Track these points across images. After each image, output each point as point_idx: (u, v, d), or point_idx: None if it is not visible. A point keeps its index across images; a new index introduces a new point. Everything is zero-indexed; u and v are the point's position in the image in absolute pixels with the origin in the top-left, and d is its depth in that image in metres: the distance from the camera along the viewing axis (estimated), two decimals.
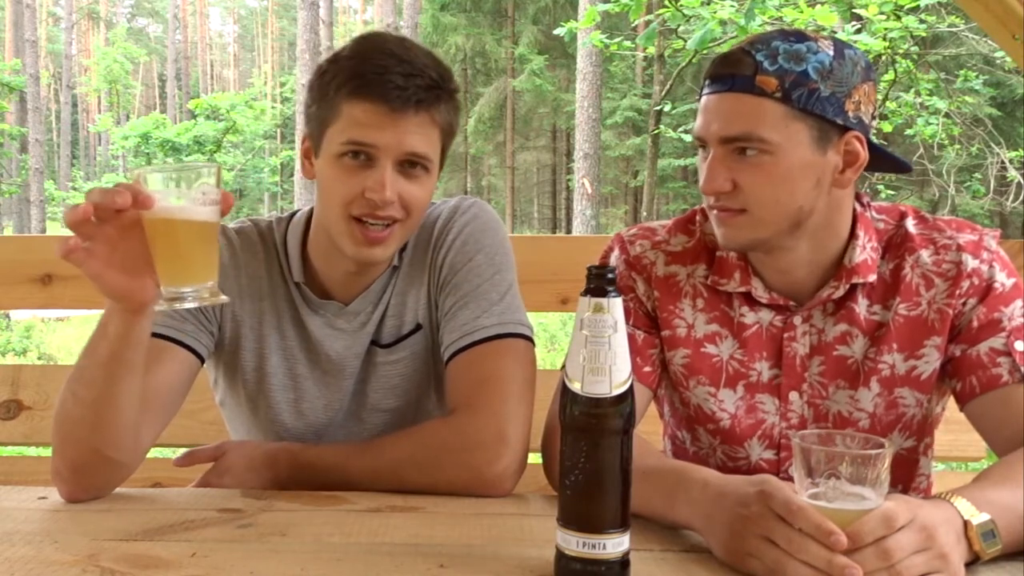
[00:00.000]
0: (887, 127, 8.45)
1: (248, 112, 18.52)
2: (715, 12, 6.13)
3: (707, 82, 1.23)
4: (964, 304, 1.24)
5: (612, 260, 1.39)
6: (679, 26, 6.98)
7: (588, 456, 0.90)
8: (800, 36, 1.20)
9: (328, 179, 1.29)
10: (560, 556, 0.92)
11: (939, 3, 7.40)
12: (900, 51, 7.31)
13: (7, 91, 17.69)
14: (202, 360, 1.35)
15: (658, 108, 12.49)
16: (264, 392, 1.42)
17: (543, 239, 2.26)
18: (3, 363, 9.30)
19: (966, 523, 0.94)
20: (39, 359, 10.48)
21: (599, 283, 0.90)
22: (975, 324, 1.23)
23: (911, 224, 1.30)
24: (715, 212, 1.25)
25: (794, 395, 1.30)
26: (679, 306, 1.34)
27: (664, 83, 12.84)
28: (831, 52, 1.18)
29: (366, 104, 1.24)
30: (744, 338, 1.32)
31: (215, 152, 17.51)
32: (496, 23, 22.23)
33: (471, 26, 21.11)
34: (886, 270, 1.28)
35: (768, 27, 6.15)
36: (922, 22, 6.86)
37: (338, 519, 1.12)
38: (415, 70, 1.24)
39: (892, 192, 12.88)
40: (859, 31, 6.70)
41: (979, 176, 12.56)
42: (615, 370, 0.90)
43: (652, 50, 11.71)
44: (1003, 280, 1.24)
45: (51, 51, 47.12)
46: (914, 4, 6.30)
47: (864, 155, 1.22)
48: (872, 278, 1.27)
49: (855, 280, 1.26)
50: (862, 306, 1.28)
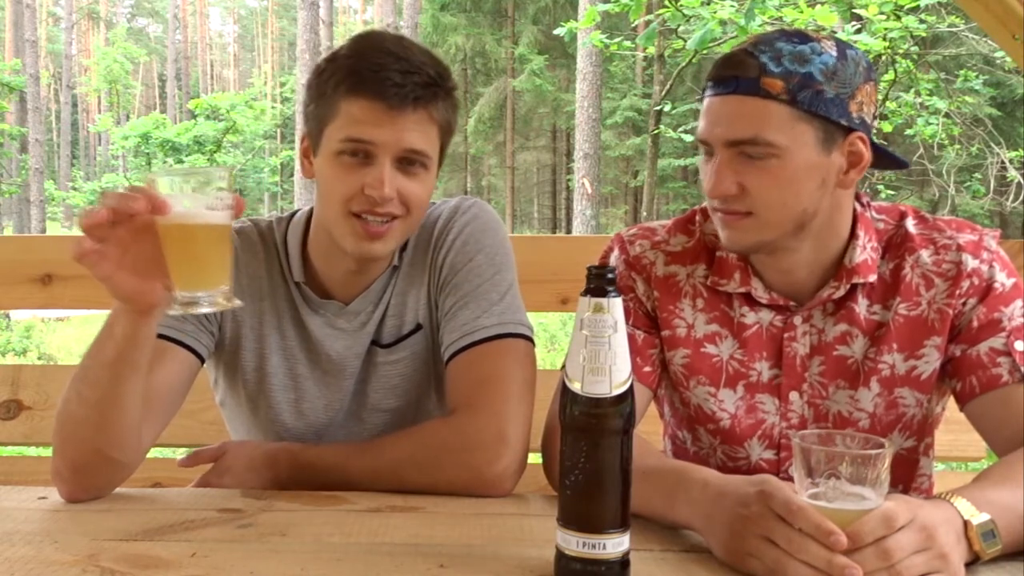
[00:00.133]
0: (887, 127, 8.44)
1: (248, 112, 18.51)
2: (715, 12, 6.12)
3: (710, 84, 1.22)
4: (964, 304, 1.24)
5: (612, 260, 1.39)
6: (679, 26, 6.97)
7: (588, 456, 0.90)
8: (803, 37, 1.20)
9: (327, 177, 1.29)
10: (560, 556, 0.92)
11: (939, 3, 7.40)
12: (900, 51, 7.31)
13: (7, 91, 17.68)
14: (202, 360, 1.35)
15: (658, 108, 12.49)
16: (264, 392, 1.42)
17: (543, 239, 2.26)
18: (3, 363, 9.30)
19: (966, 523, 0.94)
20: (39, 359, 10.47)
21: (599, 283, 0.90)
22: (975, 324, 1.23)
23: (911, 224, 1.30)
24: (719, 215, 1.24)
25: (794, 395, 1.30)
26: (679, 306, 1.34)
27: (664, 83, 12.83)
28: (834, 53, 1.18)
29: (364, 101, 1.24)
30: (744, 338, 1.32)
31: (215, 152, 17.49)
32: (496, 23, 22.23)
33: (471, 26, 21.10)
34: (886, 270, 1.28)
35: (768, 27, 6.15)
36: (922, 22, 6.86)
37: (338, 519, 1.12)
38: (412, 67, 1.24)
39: (892, 192, 12.88)
40: (859, 31, 6.70)
41: (979, 176, 12.55)
42: (615, 370, 0.90)
43: (652, 50, 11.70)
44: (1003, 280, 1.24)
45: (51, 51, 47.11)
46: (914, 4, 6.30)
47: (868, 155, 1.22)
48: (872, 278, 1.27)
49: (855, 280, 1.26)
50: (862, 306, 1.28)
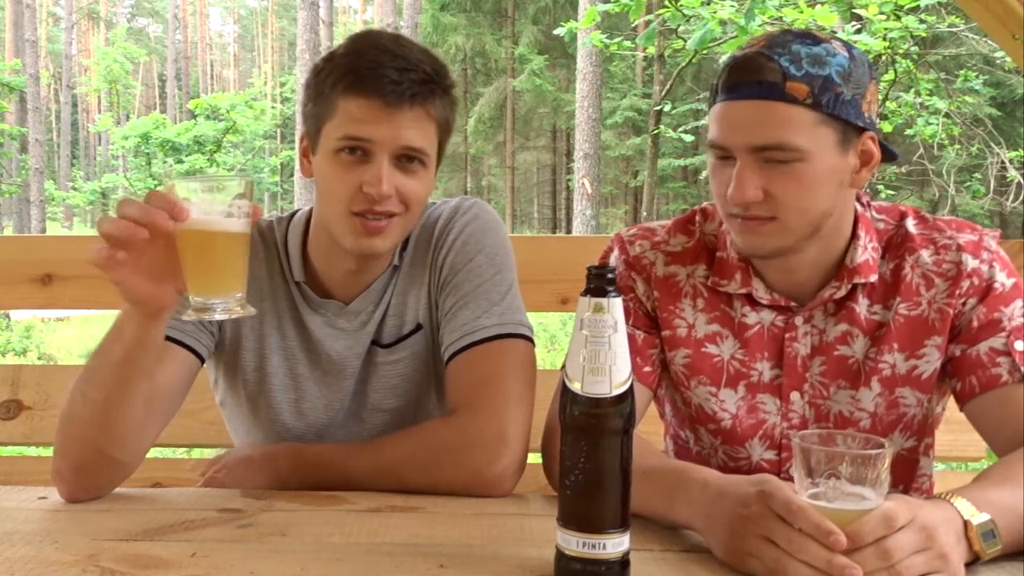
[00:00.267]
0: (887, 127, 8.44)
1: (248, 112, 18.46)
2: (715, 12, 6.12)
3: (726, 88, 1.19)
4: (964, 304, 1.24)
5: (612, 260, 1.39)
6: (679, 26, 6.97)
7: (588, 456, 0.90)
8: (814, 38, 1.19)
9: (326, 176, 1.29)
10: (560, 556, 0.92)
11: (939, 3, 7.40)
12: (900, 51, 7.31)
13: (7, 91, 17.66)
14: (202, 360, 1.35)
15: (658, 108, 12.49)
16: (265, 392, 1.42)
17: (543, 239, 2.26)
18: (3, 363, 9.29)
19: (966, 523, 0.94)
20: (39, 359, 10.47)
21: (599, 283, 0.90)
22: (975, 324, 1.23)
23: (911, 224, 1.30)
24: (739, 221, 1.22)
25: (795, 395, 1.30)
26: (679, 306, 1.34)
27: (664, 83, 12.83)
28: (846, 53, 1.18)
29: (361, 99, 1.24)
30: (745, 338, 1.32)
31: (215, 152, 17.46)
32: (496, 23, 22.22)
33: (471, 26, 21.10)
34: (886, 270, 1.28)
35: (768, 27, 6.14)
36: (922, 22, 6.86)
37: (338, 519, 1.12)
38: (409, 65, 1.25)
39: (892, 192, 12.88)
40: (859, 31, 6.70)
41: (979, 176, 12.54)
42: (615, 370, 0.90)
43: (652, 50, 11.70)
44: (1003, 280, 1.24)
45: (51, 51, 47.11)
46: (914, 4, 6.30)
47: (878, 154, 1.22)
48: (873, 278, 1.27)
49: (857, 280, 1.26)
50: (862, 306, 1.28)
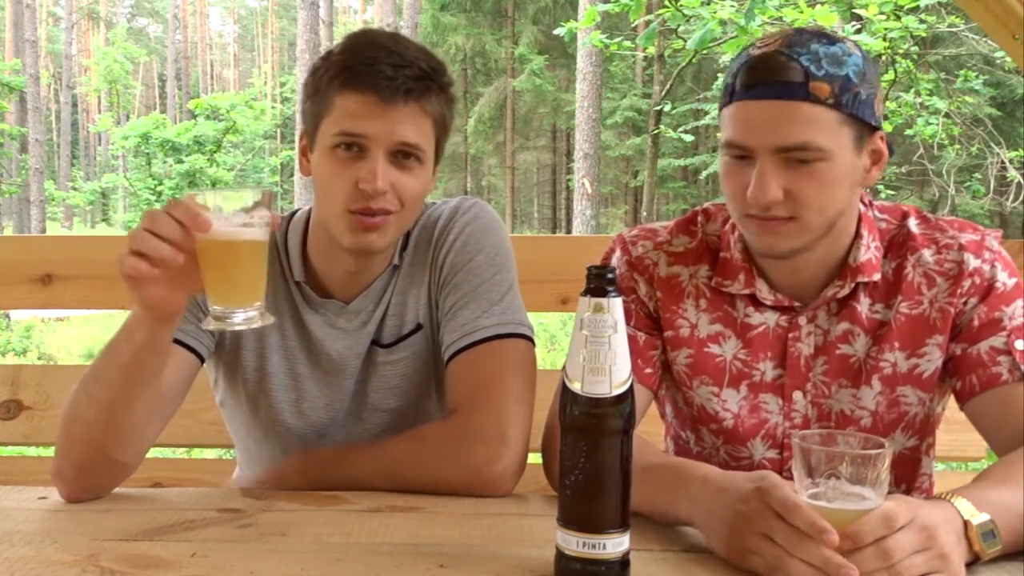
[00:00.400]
0: (887, 127, 8.41)
1: (248, 112, 18.42)
2: (715, 12, 6.12)
3: (746, 87, 1.18)
4: (965, 303, 1.25)
5: (614, 261, 1.39)
6: (679, 26, 6.97)
7: (588, 456, 0.90)
8: (829, 37, 1.18)
9: (323, 173, 1.29)
10: (560, 556, 0.92)
11: (939, 3, 7.40)
12: (900, 51, 7.31)
13: (7, 91, 17.64)
14: (202, 360, 1.35)
15: (658, 108, 12.49)
16: (265, 392, 1.42)
17: (543, 239, 2.26)
18: (3, 363, 9.29)
19: (966, 523, 0.94)
20: (39, 359, 10.46)
21: (599, 283, 0.90)
22: (976, 323, 1.24)
23: (913, 224, 1.30)
24: (757, 221, 1.20)
25: (798, 395, 1.30)
26: (682, 306, 1.34)
27: (664, 83, 12.83)
28: (859, 53, 1.18)
29: (357, 95, 1.25)
30: (748, 338, 1.32)
31: (215, 152, 17.44)
32: (496, 23, 22.22)
33: (471, 26, 21.09)
34: (888, 269, 1.28)
35: (768, 27, 6.14)
36: (922, 22, 6.86)
37: (338, 519, 1.12)
38: (405, 61, 1.25)
39: (892, 192, 12.88)
40: (859, 31, 6.70)
41: (979, 176, 12.54)
42: (615, 370, 0.90)
43: (652, 50, 11.70)
44: (1005, 280, 1.25)
45: (51, 51, 47.11)
46: (914, 4, 6.30)
47: (887, 153, 1.23)
48: (876, 277, 1.27)
49: (860, 279, 1.26)
50: (864, 305, 1.28)
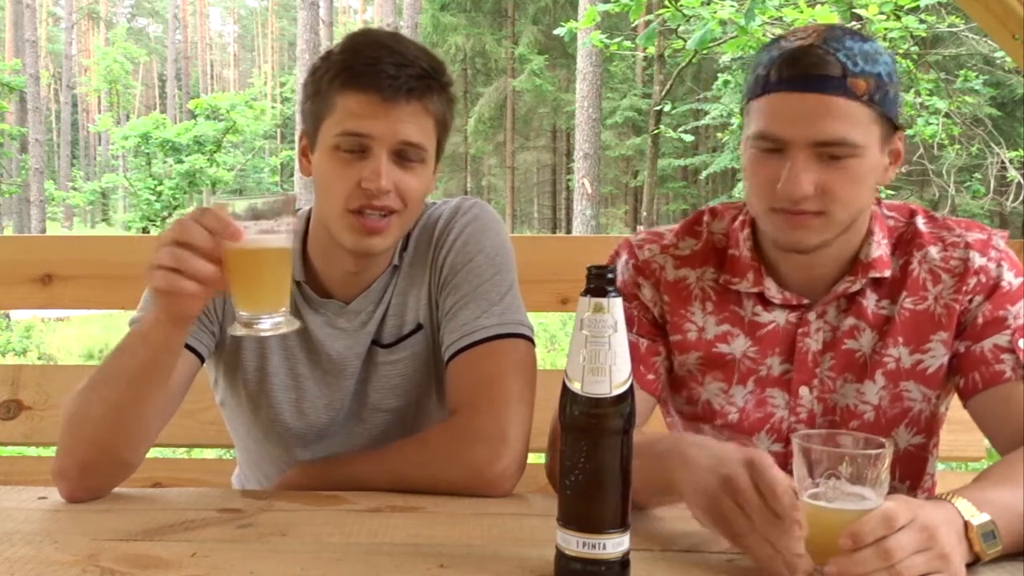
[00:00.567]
0: None
1: (248, 112, 18.42)
2: (715, 12, 6.12)
3: (783, 80, 1.17)
4: (971, 301, 1.25)
5: (620, 265, 1.39)
6: (679, 26, 6.97)
7: (588, 456, 0.90)
8: (860, 35, 1.19)
9: (324, 173, 1.29)
10: (560, 556, 0.92)
11: (939, 3, 7.40)
12: (900, 51, 7.31)
13: (7, 91, 17.64)
14: (202, 359, 1.35)
15: (658, 108, 12.50)
16: (265, 392, 1.42)
17: (543, 239, 2.26)
18: (3, 363, 9.29)
19: (967, 524, 0.94)
20: (39, 359, 10.46)
21: (599, 283, 0.90)
22: (980, 321, 1.24)
23: (921, 222, 1.31)
24: (785, 216, 1.20)
25: (804, 390, 1.31)
26: (689, 310, 1.34)
27: (664, 83, 12.84)
28: (886, 52, 1.19)
29: (359, 95, 1.24)
30: (758, 336, 1.32)
31: (215, 152, 17.44)
32: (496, 23, 22.22)
33: (471, 26, 21.09)
34: (895, 266, 1.29)
35: (768, 27, 6.14)
36: (922, 22, 6.86)
37: (338, 519, 1.12)
38: (406, 60, 1.25)
39: (892, 192, 12.87)
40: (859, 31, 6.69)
41: (979, 176, 12.54)
42: (615, 370, 0.90)
43: (652, 50, 11.70)
44: (1010, 279, 1.25)
45: (51, 51, 47.11)
46: (914, 4, 6.30)
47: (903, 151, 1.24)
48: (887, 273, 1.28)
49: (873, 274, 1.27)
50: (870, 300, 1.29)
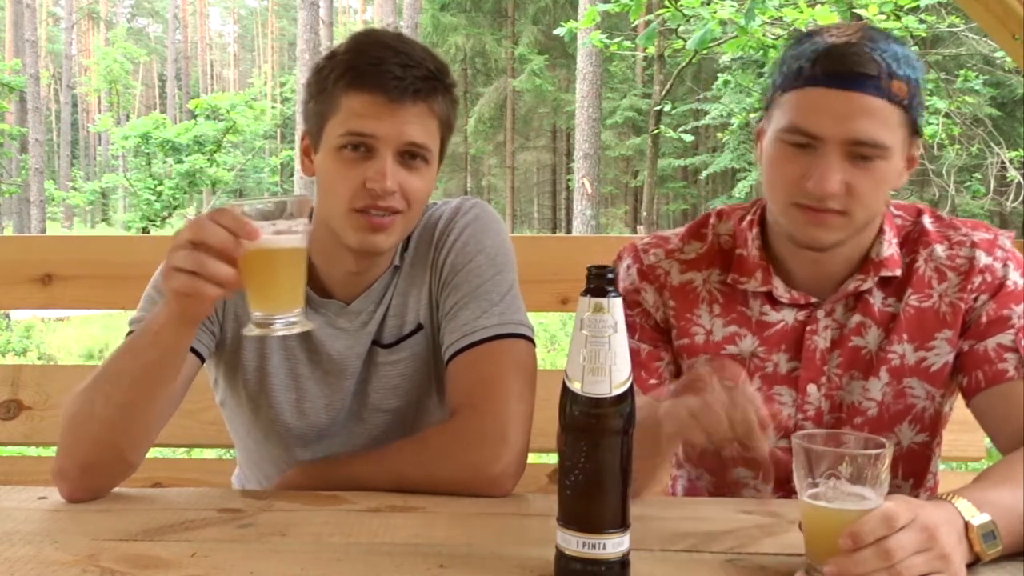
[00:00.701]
0: None
1: (248, 112, 18.42)
2: (715, 12, 6.13)
3: (824, 75, 1.16)
4: (976, 300, 1.26)
5: (623, 270, 1.39)
6: (679, 26, 6.98)
7: (588, 456, 0.90)
8: (896, 37, 1.19)
9: (328, 173, 1.29)
10: (560, 556, 0.92)
11: (939, 3, 7.40)
12: None
13: (7, 91, 17.64)
14: (202, 359, 1.35)
15: (658, 108, 12.50)
16: (266, 392, 1.41)
17: (543, 239, 2.26)
18: (3, 363, 9.28)
19: (967, 524, 0.94)
20: (39, 359, 10.45)
21: (599, 283, 0.90)
22: (984, 320, 1.25)
23: (928, 221, 1.32)
24: (808, 212, 1.20)
25: (812, 387, 1.31)
26: (696, 313, 1.35)
27: (664, 83, 12.84)
28: (916, 56, 1.19)
29: (364, 95, 1.24)
30: (766, 336, 1.32)
31: (215, 152, 17.45)
32: (496, 23, 22.22)
33: (471, 26, 21.10)
34: (902, 264, 1.30)
35: (768, 27, 6.14)
36: (922, 22, 6.86)
37: (338, 519, 1.12)
38: (412, 61, 1.25)
39: (892, 192, 12.85)
40: None
41: (979, 176, 12.54)
42: (615, 370, 0.90)
43: (652, 50, 11.71)
44: (1016, 279, 1.26)
45: (51, 51, 47.10)
46: (914, 4, 6.30)
47: (917, 158, 1.24)
48: (898, 272, 1.28)
49: (884, 273, 1.27)
50: (877, 298, 1.30)
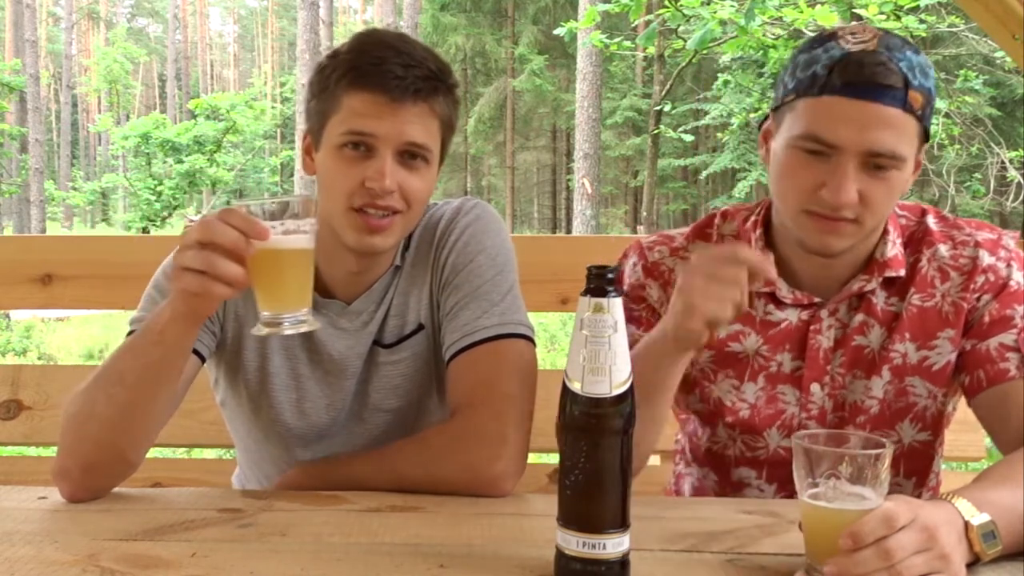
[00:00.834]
0: None
1: (248, 112, 18.43)
2: (715, 12, 6.13)
3: (846, 84, 1.15)
4: (978, 299, 1.26)
5: (628, 267, 1.39)
6: (679, 26, 6.98)
7: (588, 456, 0.90)
8: (911, 44, 1.18)
9: (329, 171, 1.29)
10: (560, 556, 0.92)
11: (939, 3, 7.40)
12: None
13: (7, 91, 17.65)
14: (203, 359, 1.35)
15: (658, 108, 12.50)
16: (266, 392, 1.41)
17: (543, 239, 2.26)
18: (3, 363, 9.28)
19: (967, 524, 0.94)
20: (39, 359, 10.45)
21: (599, 283, 0.90)
22: (987, 319, 1.25)
23: (932, 221, 1.32)
24: (821, 220, 1.20)
25: (815, 387, 1.31)
26: None
27: (664, 83, 12.84)
28: (930, 63, 1.19)
29: (365, 94, 1.24)
30: (770, 335, 1.33)
31: (215, 152, 17.45)
32: (496, 23, 22.23)
33: (471, 26, 21.10)
34: (906, 264, 1.30)
35: (768, 27, 6.14)
36: (922, 22, 6.87)
37: (338, 519, 1.12)
38: (414, 61, 1.25)
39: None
40: None
41: (979, 176, 12.55)
42: (615, 370, 0.90)
43: (652, 50, 11.71)
44: (1019, 279, 1.26)
45: (51, 51, 47.12)
46: (914, 4, 6.31)
47: (923, 162, 1.24)
48: (902, 272, 1.28)
49: (888, 273, 1.28)
50: (880, 298, 1.30)
